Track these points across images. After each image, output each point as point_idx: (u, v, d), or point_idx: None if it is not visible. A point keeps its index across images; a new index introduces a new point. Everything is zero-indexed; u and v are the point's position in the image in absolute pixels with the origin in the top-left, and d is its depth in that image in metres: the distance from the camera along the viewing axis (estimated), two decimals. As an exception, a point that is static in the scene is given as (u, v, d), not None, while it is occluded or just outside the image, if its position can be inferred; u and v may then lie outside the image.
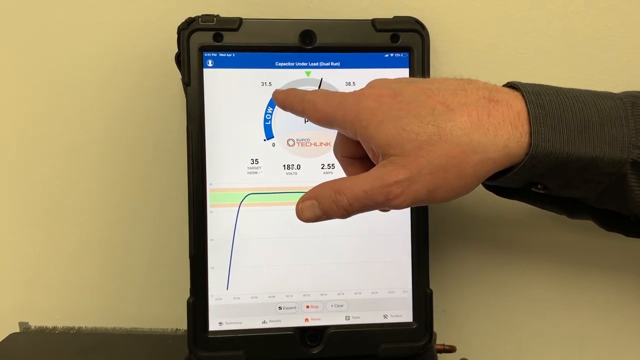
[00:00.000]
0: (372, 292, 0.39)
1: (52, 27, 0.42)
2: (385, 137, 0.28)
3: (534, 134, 0.27)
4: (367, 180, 0.28)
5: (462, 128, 0.27)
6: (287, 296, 0.38)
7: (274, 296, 0.38)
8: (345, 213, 0.29)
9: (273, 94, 0.33)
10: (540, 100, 0.28)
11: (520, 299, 0.46)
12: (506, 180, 0.29)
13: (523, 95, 0.28)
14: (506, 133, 0.27)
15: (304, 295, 0.38)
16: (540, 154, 0.28)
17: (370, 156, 0.30)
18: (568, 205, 0.33)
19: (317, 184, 0.30)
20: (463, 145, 0.27)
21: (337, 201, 0.28)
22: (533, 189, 0.31)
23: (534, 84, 0.29)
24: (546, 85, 0.30)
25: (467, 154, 0.27)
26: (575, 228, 0.44)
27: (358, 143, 0.31)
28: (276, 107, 0.37)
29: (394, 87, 0.29)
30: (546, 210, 0.34)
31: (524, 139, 0.28)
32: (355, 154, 0.32)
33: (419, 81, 0.30)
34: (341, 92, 0.31)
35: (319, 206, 0.29)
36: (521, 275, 0.45)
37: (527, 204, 0.34)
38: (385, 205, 0.28)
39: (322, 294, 0.38)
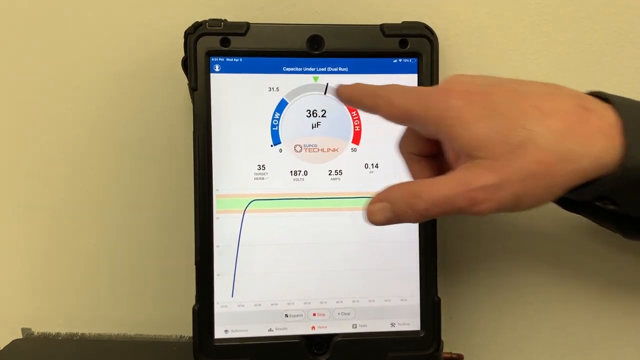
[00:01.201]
0: (380, 300, 0.38)
1: (58, 32, 0.42)
2: (474, 137, 0.26)
3: (629, 146, 0.26)
4: (449, 184, 0.26)
5: (556, 134, 0.26)
6: (294, 304, 0.38)
7: (280, 304, 0.38)
8: (420, 218, 0.27)
9: (337, 89, 0.31)
10: (632, 113, 0.27)
11: (528, 307, 0.45)
12: (581, 193, 0.28)
13: (614, 107, 0.27)
14: (599, 143, 0.26)
15: (311, 302, 0.38)
16: (633, 166, 0.26)
17: (448, 156, 0.29)
18: (628, 224, 0.32)
19: (390, 188, 0.28)
20: (556, 152, 0.26)
21: (412, 205, 0.27)
22: (598, 204, 0.29)
23: (620, 96, 0.28)
24: (630, 99, 0.29)
25: (560, 162, 0.26)
26: (590, 237, 0.44)
27: (429, 140, 0.29)
28: (284, 112, 0.37)
29: (482, 86, 0.28)
30: (598, 225, 0.33)
31: (616, 151, 0.26)
32: (425, 151, 0.31)
33: (505, 81, 0.29)
34: (420, 87, 0.30)
35: (392, 209, 0.27)
36: (530, 283, 0.45)
37: (537, 211, 0.33)
38: (466, 211, 0.26)
39: (328, 302, 0.38)
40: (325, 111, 0.38)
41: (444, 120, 0.27)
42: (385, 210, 0.28)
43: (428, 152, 0.31)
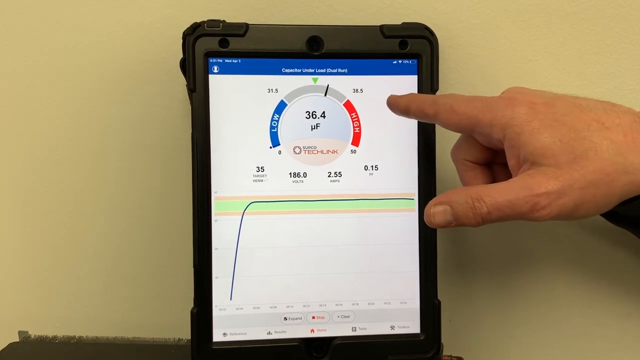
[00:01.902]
0: (379, 303, 0.38)
1: (56, 33, 0.42)
2: (540, 145, 0.27)
3: None
4: (512, 189, 0.28)
5: (617, 147, 0.27)
6: (293, 307, 0.38)
7: (279, 307, 0.37)
8: (481, 222, 0.28)
9: (389, 100, 0.33)
10: None
11: (529, 310, 0.45)
12: (635, 206, 0.29)
13: None
14: None
15: (310, 305, 0.38)
16: None
17: (510, 164, 0.30)
18: None
19: (452, 192, 0.29)
20: (618, 164, 0.27)
21: (475, 208, 0.28)
22: None
23: None
24: None
25: (620, 173, 0.27)
26: (592, 237, 0.43)
27: (485, 148, 0.31)
28: (283, 114, 0.37)
29: (544, 97, 0.29)
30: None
31: None
32: (480, 159, 0.32)
33: (562, 95, 0.30)
34: (482, 96, 0.31)
35: (452, 212, 0.29)
36: (531, 286, 0.45)
37: None
38: (527, 216, 0.28)
39: (328, 305, 0.38)
40: (324, 112, 0.38)
41: (511, 128, 0.28)
42: (446, 212, 0.29)
43: (483, 159, 0.32)
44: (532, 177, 0.27)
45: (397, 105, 0.33)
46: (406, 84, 0.38)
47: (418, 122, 0.38)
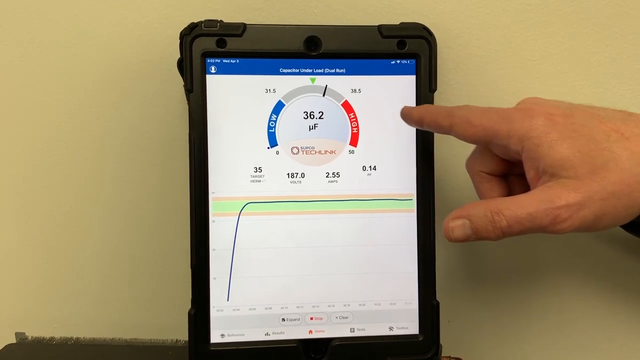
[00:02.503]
0: (378, 304, 0.38)
1: (53, 33, 0.42)
2: (559, 157, 0.27)
3: None
4: (532, 202, 0.27)
5: (637, 157, 0.27)
6: (291, 308, 0.37)
7: (277, 308, 0.37)
8: (501, 235, 0.28)
9: (403, 111, 0.33)
10: None
11: (528, 311, 0.45)
12: None
13: None
14: None
15: (308, 307, 0.38)
16: None
17: (529, 176, 0.29)
18: None
19: (470, 205, 0.29)
20: (638, 174, 0.27)
21: (494, 222, 0.28)
22: None
23: None
24: None
25: None
26: (594, 240, 0.43)
27: (501, 160, 0.30)
28: (280, 114, 0.37)
29: (562, 108, 0.29)
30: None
31: None
32: (496, 170, 0.32)
33: (580, 105, 0.30)
34: (497, 107, 0.30)
35: (471, 226, 0.28)
36: (530, 287, 0.45)
37: None
38: (547, 229, 0.27)
39: (326, 306, 0.38)
40: (322, 113, 0.37)
41: (529, 139, 0.28)
42: (465, 227, 0.29)
43: (499, 171, 0.32)
44: (552, 190, 0.27)
45: (410, 116, 0.33)
46: (404, 84, 0.37)
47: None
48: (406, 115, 0.34)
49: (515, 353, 0.46)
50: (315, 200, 0.38)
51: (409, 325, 0.38)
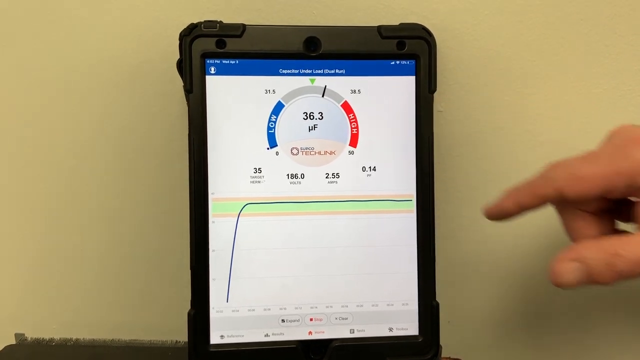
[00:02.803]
0: (377, 305, 0.38)
1: (52, 34, 0.42)
2: None
3: None
4: None
5: None
6: (290, 309, 0.37)
7: (276, 309, 0.37)
8: (618, 279, 0.26)
9: (490, 212, 0.30)
10: None
11: (528, 312, 0.45)
12: None
13: None
14: None
15: (308, 307, 0.38)
16: None
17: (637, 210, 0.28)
18: None
19: (581, 246, 0.27)
20: None
21: (612, 265, 0.25)
22: None
23: None
24: None
25: None
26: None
27: (605, 198, 0.28)
28: (280, 114, 0.37)
29: None
30: None
31: None
32: (598, 208, 0.29)
33: None
34: (595, 150, 0.28)
35: (585, 269, 0.26)
36: (530, 287, 0.45)
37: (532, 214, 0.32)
38: None
39: (326, 307, 0.38)
40: (322, 114, 0.37)
41: None
42: (576, 270, 0.26)
43: (599, 208, 0.29)
44: None
45: (502, 210, 0.30)
46: (404, 85, 0.38)
47: (416, 122, 0.37)
48: (496, 213, 0.30)
49: (517, 354, 0.46)
50: (314, 201, 0.38)
51: (408, 326, 0.38)
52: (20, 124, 0.43)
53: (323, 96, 0.37)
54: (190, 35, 0.36)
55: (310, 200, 0.38)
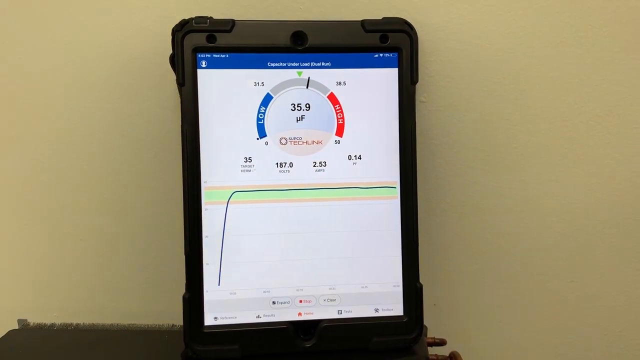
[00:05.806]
0: (364, 287, 0.39)
1: (48, 30, 0.43)
2: None
3: None
4: None
5: None
6: (281, 291, 0.39)
7: (268, 291, 0.39)
8: None
9: None
10: None
11: (509, 293, 0.46)
12: None
13: None
14: None
15: (297, 290, 0.39)
16: None
17: None
18: None
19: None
20: None
21: None
22: None
23: None
24: None
25: None
26: (568, 217, 0.44)
27: None
28: (269, 106, 0.38)
29: None
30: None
31: None
32: None
33: None
34: None
35: None
36: (511, 269, 0.46)
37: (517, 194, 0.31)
38: None
39: (314, 289, 0.39)
40: (309, 105, 0.39)
41: None
42: None
43: None
44: None
45: None
46: (387, 76, 0.39)
47: (399, 112, 0.39)
48: None
49: (500, 335, 0.47)
50: (303, 188, 0.39)
51: (394, 307, 0.40)
52: (18, 118, 0.44)
53: (307, 88, 0.39)
54: (182, 30, 0.37)
55: (299, 187, 0.39)
